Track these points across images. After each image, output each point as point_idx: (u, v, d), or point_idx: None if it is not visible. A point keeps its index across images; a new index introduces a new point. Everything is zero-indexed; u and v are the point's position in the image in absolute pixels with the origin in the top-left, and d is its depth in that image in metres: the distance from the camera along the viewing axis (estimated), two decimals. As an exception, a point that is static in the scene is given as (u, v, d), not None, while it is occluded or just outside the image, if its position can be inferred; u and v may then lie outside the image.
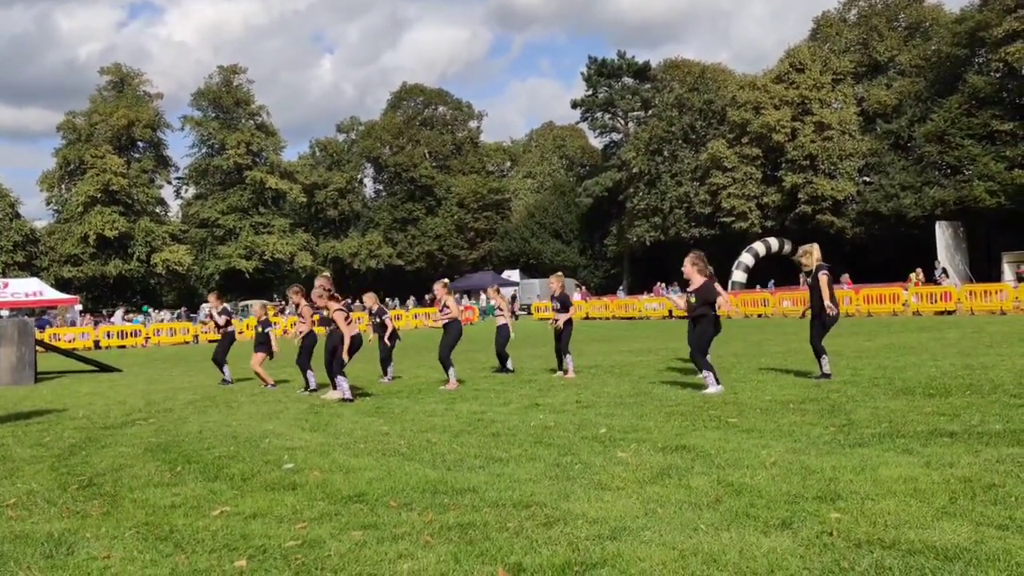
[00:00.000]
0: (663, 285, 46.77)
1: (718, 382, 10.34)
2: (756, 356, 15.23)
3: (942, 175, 48.16)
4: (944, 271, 39.13)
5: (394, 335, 14.30)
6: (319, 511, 5.30)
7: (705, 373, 10.40)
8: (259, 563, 4.31)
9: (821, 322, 11.20)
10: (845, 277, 38.28)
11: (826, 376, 11.02)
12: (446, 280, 13.83)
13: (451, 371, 12.67)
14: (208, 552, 4.54)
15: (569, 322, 13.68)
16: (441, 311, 13.21)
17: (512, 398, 10.86)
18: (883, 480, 5.25)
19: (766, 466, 5.86)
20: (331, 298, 11.61)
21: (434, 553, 4.29)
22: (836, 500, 4.85)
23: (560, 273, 14.98)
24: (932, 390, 9.43)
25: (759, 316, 35.00)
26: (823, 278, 11.07)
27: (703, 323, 10.56)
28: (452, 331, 12.94)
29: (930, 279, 36.74)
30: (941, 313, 29.76)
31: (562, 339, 13.57)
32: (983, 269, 43.30)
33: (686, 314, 10.97)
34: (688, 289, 10.80)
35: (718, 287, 11.19)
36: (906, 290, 32.79)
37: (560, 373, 13.54)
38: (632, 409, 9.17)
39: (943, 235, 44.34)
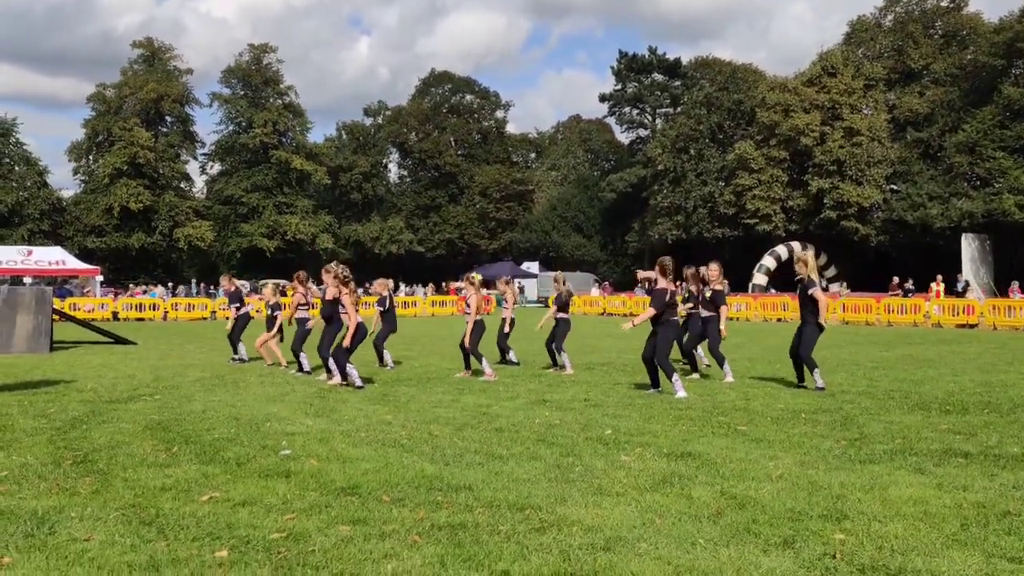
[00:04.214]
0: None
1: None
2: (772, 362, 15.00)
3: (971, 187, 47.46)
4: (967, 284, 38.55)
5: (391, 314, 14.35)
6: (309, 502, 5.18)
7: (674, 378, 10.35)
8: (240, 555, 4.19)
9: (809, 333, 11.06)
10: (1014, 286, 34.54)
11: (820, 389, 10.81)
12: (477, 275, 13.67)
13: (484, 362, 12.62)
14: (191, 540, 4.42)
15: (565, 321, 13.80)
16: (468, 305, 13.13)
17: (520, 392, 10.72)
18: (892, 501, 5.06)
19: (772, 479, 5.69)
20: (344, 283, 11.53)
21: (420, 554, 4.15)
22: (842, 520, 4.68)
23: (559, 274, 15.39)
24: (949, 406, 9.22)
25: (778, 320, 34.67)
26: (819, 294, 11.02)
27: (665, 329, 10.48)
28: (479, 327, 12.92)
29: (952, 291, 36.21)
30: (963, 326, 29.32)
31: (556, 337, 13.70)
32: (1008, 284, 42.65)
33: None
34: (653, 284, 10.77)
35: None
36: (928, 301, 32.33)
37: (555, 369, 13.52)
38: (640, 411, 9.01)
39: (969, 247, 43.66)
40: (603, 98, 69.45)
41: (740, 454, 6.55)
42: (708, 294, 12.51)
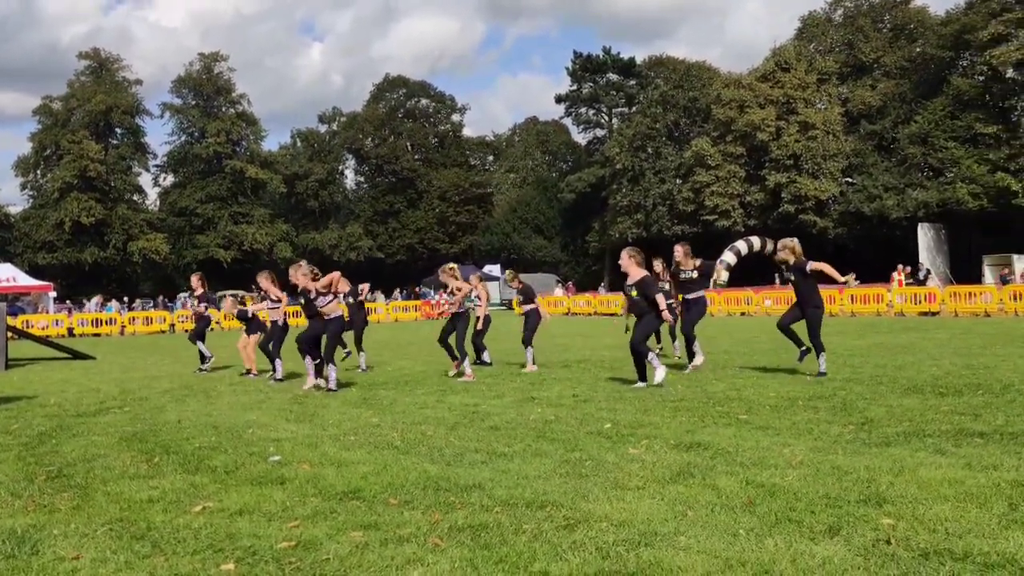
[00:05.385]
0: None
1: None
2: (748, 354, 14.89)
3: (925, 177, 48.19)
4: (928, 272, 39.00)
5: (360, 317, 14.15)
6: (312, 508, 4.83)
7: (650, 356, 10.23)
8: (249, 567, 3.84)
9: (812, 315, 10.93)
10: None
11: (822, 374, 10.69)
12: (453, 265, 13.36)
13: (467, 362, 12.29)
14: (191, 554, 4.06)
15: (532, 314, 13.59)
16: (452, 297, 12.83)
17: (505, 391, 10.43)
18: (927, 483, 4.84)
19: (793, 466, 5.45)
20: (315, 278, 11.29)
21: (447, 558, 3.83)
22: (882, 504, 4.44)
23: (509, 272, 15.23)
24: (942, 389, 9.10)
25: (742, 315, 34.74)
26: (822, 265, 10.89)
27: (647, 318, 10.30)
28: (465, 319, 12.71)
29: (915, 278, 36.56)
30: (925, 314, 29.55)
31: (524, 330, 13.53)
32: (964, 271, 43.30)
33: (628, 311, 10.86)
34: (627, 283, 10.58)
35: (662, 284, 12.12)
36: (890, 290, 32.59)
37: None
38: (633, 404, 8.76)
39: (925, 237, 44.25)
40: (559, 99, 69.55)
41: (751, 443, 6.32)
42: (694, 274, 12.37)
